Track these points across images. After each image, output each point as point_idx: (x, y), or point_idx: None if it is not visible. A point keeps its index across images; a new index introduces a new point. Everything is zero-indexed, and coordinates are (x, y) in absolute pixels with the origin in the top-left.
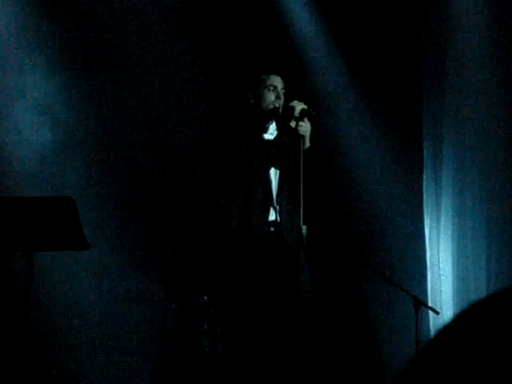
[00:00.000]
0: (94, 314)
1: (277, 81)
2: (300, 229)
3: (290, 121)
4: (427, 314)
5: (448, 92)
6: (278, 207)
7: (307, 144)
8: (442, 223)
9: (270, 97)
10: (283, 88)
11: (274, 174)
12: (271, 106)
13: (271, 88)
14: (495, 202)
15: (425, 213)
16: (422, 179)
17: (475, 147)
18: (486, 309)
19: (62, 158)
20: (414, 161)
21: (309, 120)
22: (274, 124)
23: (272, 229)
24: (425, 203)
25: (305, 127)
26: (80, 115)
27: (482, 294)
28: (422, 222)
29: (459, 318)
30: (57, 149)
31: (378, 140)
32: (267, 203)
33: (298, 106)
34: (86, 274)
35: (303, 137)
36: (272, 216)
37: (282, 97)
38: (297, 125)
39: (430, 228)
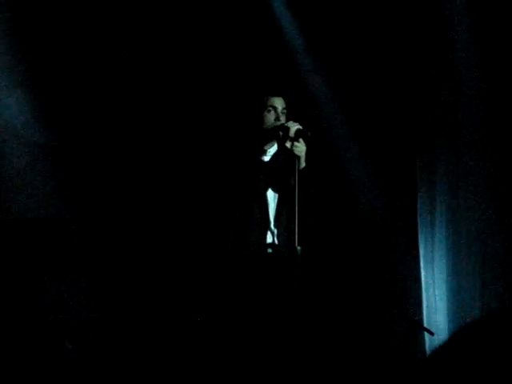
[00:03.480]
0: None
1: (277, 102)
2: (295, 249)
3: (285, 141)
4: (423, 335)
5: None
6: (275, 230)
7: (302, 164)
8: (437, 243)
9: (270, 118)
10: (284, 109)
11: (272, 197)
12: (271, 127)
13: (271, 109)
14: (490, 221)
15: (419, 232)
16: (416, 198)
17: (469, 164)
18: (478, 331)
19: None
20: (408, 179)
21: (304, 141)
22: (274, 146)
23: (269, 250)
24: (419, 222)
25: (300, 148)
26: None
27: (476, 315)
28: (416, 241)
29: (453, 340)
30: None
31: (372, 159)
32: (265, 225)
33: (293, 127)
34: None
35: (299, 157)
36: (269, 238)
37: (283, 118)
38: (292, 145)
39: (424, 247)
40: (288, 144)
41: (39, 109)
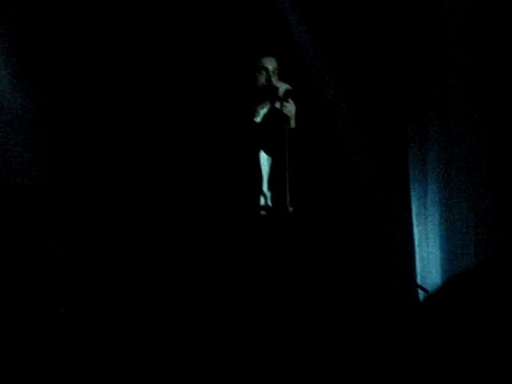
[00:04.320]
0: None
1: (268, 63)
2: (287, 210)
3: (274, 102)
4: (417, 293)
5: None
6: (269, 193)
7: (293, 124)
8: (429, 199)
9: (261, 79)
10: (276, 69)
11: (266, 159)
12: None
13: (262, 70)
14: (482, 175)
15: (411, 189)
16: (407, 155)
17: (461, 121)
18: (472, 278)
19: None
20: (399, 136)
21: (293, 100)
22: (267, 107)
23: (263, 212)
24: (411, 179)
25: (289, 107)
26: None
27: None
28: (408, 198)
29: (446, 288)
30: None
31: (363, 121)
32: (258, 188)
33: (282, 87)
34: None
35: (288, 117)
36: (263, 201)
37: (275, 79)
38: (281, 105)
39: (417, 205)
40: (277, 104)
41: (19, 77)
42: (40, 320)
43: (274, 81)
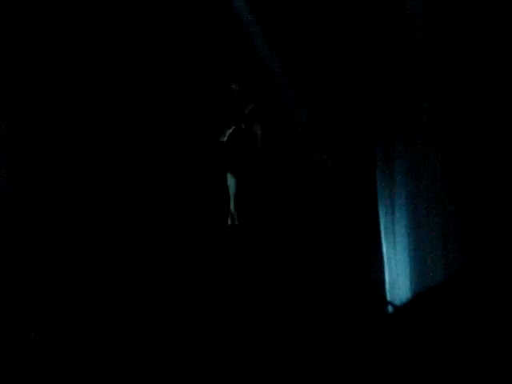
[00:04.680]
0: None
1: (235, 84)
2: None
3: (241, 122)
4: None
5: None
6: (235, 213)
7: (259, 144)
8: (397, 215)
9: (228, 100)
10: (243, 90)
11: (233, 179)
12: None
13: (229, 92)
14: (450, 190)
15: (379, 205)
16: (375, 170)
17: (427, 137)
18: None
19: None
20: (367, 153)
21: (259, 121)
22: (232, 128)
23: (229, 230)
24: (378, 194)
25: (255, 127)
26: None
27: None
28: (376, 214)
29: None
30: None
31: (331, 138)
32: (225, 207)
33: (247, 108)
34: None
35: (255, 137)
36: (229, 220)
37: (242, 99)
38: (247, 125)
39: (384, 221)
40: (243, 124)
41: None
42: (10, 343)
43: (240, 100)
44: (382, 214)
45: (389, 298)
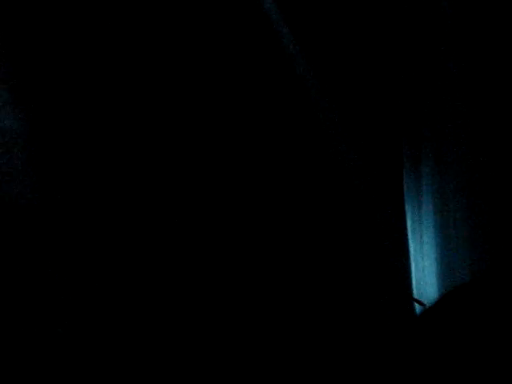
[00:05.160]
0: None
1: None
2: None
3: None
4: (414, 307)
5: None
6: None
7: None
8: (424, 213)
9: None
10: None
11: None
12: None
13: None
14: (477, 185)
15: (406, 203)
16: (402, 168)
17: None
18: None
19: None
20: (394, 152)
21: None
22: None
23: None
24: (405, 189)
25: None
26: None
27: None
28: (403, 211)
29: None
30: None
31: (356, 131)
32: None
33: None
34: None
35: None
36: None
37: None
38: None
39: (411, 218)
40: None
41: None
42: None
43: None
44: (408, 211)
45: (415, 295)
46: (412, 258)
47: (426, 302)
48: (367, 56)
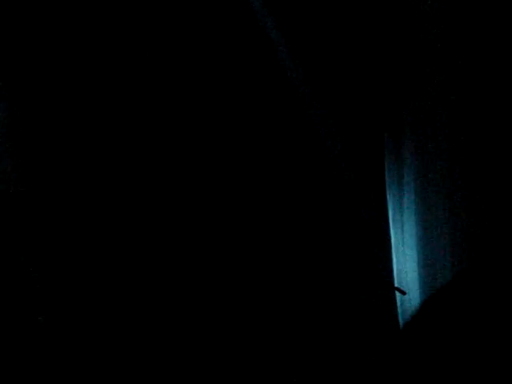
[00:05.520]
0: None
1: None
2: None
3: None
4: (394, 295)
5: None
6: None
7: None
8: (405, 201)
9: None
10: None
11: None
12: None
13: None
14: (459, 176)
15: (387, 193)
16: (383, 158)
17: (438, 132)
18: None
19: None
20: (375, 140)
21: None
22: None
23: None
24: (387, 182)
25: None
26: None
27: (447, 274)
28: (384, 200)
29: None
30: None
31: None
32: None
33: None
34: None
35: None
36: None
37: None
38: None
39: (392, 207)
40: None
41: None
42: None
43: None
44: (390, 201)
45: (396, 283)
46: (393, 246)
47: (406, 289)
48: (350, 51)
